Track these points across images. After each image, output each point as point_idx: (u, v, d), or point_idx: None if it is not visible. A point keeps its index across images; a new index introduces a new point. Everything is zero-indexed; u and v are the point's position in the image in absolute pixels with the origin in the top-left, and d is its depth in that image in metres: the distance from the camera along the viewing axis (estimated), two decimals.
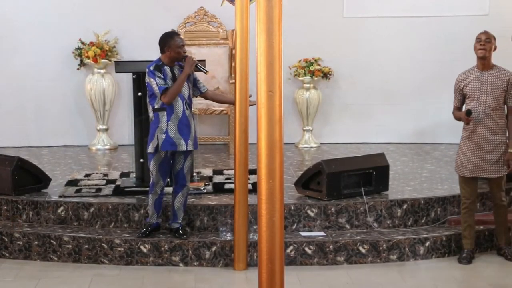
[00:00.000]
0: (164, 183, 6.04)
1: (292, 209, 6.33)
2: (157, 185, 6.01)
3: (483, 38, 5.95)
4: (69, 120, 9.04)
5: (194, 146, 6.02)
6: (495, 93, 5.93)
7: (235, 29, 5.89)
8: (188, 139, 5.95)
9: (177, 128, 5.91)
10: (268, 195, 3.16)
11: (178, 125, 5.91)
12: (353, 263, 6.07)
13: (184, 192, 6.06)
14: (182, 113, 5.93)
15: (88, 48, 8.71)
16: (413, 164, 8.04)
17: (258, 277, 3.24)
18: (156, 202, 6.06)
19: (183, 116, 5.93)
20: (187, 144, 5.94)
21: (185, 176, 6.04)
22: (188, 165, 6.05)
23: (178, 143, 5.92)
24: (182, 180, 6.05)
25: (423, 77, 8.98)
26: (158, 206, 6.09)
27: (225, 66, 8.88)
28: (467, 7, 8.97)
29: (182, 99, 5.94)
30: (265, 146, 3.13)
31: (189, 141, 5.95)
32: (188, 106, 5.98)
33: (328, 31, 9.01)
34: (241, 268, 5.92)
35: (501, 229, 6.18)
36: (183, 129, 5.92)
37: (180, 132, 5.92)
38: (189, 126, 5.95)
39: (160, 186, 6.02)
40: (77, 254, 6.10)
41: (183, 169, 6.03)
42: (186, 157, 6.03)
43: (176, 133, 5.91)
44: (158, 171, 5.98)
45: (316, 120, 9.06)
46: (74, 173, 7.42)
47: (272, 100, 3.11)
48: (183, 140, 5.93)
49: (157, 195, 6.04)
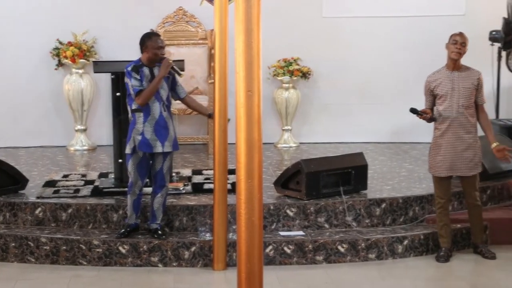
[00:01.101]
0: (142, 184, 6.02)
1: (271, 209, 6.33)
2: (135, 186, 5.99)
3: (459, 41, 5.99)
4: (46, 121, 8.98)
5: (172, 148, 6.00)
6: (467, 92, 5.99)
7: (214, 29, 5.89)
8: (164, 140, 5.93)
9: (154, 130, 5.90)
10: (247, 195, 3.16)
11: (154, 126, 5.90)
12: (332, 262, 6.09)
13: (163, 193, 6.05)
14: (159, 114, 5.91)
15: (66, 48, 8.65)
16: (392, 163, 8.08)
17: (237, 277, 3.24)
18: (135, 203, 6.04)
19: (160, 117, 5.91)
20: (164, 145, 5.92)
21: (164, 176, 6.03)
22: (167, 166, 6.04)
23: (154, 144, 5.90)
24: (161, 181, 6.03)
25: (402, 76, 9.02)
26: (136, 206, 6.06)
27: (204, 66, 8.86)
28: (444, 7, 9.03)
29: (159, 100, 5.92)
30: (244, 146, 3.14)
31: (166, 143, 5.93)
32: (166, 107, 5.97)
33: (307, 31, 9.02)
34: (220, 268, 5.91)
35: (476, 228, 6.23)
36: (160, 130, 5.91)
37: (157, 133, 5.90)
38: (166, 127, 5.94)
39: (139, 186, 6.00)
40: (55, 256, 6.06)
41: (162, 169, 6.01)
42: (165, 158, 6.01)
43: (153, 134, 5.89)
44: (136, 171, 5.96)
45: (295, 120, 9.07)
46: (52, 174, 7.37)
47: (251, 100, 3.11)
48: (159, 141, 5.91)
49: (136, 195, 6.02)
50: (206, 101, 8.52)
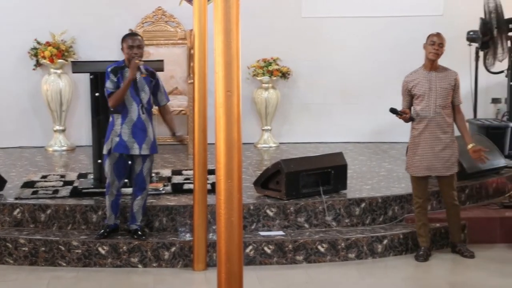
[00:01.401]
0: (119, 184, 5.99)
1: (251, 209, 6.33)
2: (112, 186, 5.97)
3: (437, 42, 6.03)
4: (25, 121, 8.92)
5: (150, 151, 5.96)
6: (444, 92, 6.04)
7: (193, 29, 5.88)
8: (142, 143, 5.90)
9: (131, 132, 5.88)
10: (226, 195, 3.16)
11: (132, 128, 5.88)
12: (312, 262, 6.10)
13: (143, 195, 6.03)
14: (137, 117, 5.89)
15: (44, 48, 8.61)
16: (371, 163, 8.11)
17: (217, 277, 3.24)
18: (113, 203, 6.02)
19: (138, 120, 5.89)
20: (141, 148, 5.90)
21: (144, 179, 6.01)
22: (147, 168, 6.01)
23: (131, 146, 5.88)
24: (142, 184, 6.01)
25: (381, 76, 9.06)
26: (115, 207, 6.04)
27: (184, 66, 8.85)
28: (422, 8, 9.08)
29: (137, 103, 5.90)
30: (224, 146, 3.14)
31: (143, 145, 5.91)
32: (145, 110, 5.93)
33: (286, 31, 9.03)
34: (200, 268, 5.90)
35: (454, 227, 6.26)
36: (137, 133, 5.88)
37: (134, 135, 5.88)
38: (144, 130, 5.91)
39: (116, 186, 5.97)
40: (33, 257, 6.02)
41: (142, 172, 5.99)
42: (145, 160, 5.99)
43: (130, 136, 5.88)
44: (113, 172, 5.94)
45: (274, 120, 9.08)
46: (31, 175, 7.32)
47: (230, 100, 3.11)
48: (136, 144, 5.89)
49: (114, 196, 5.99)
50: (185, 101, 8.52)
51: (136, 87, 5.92)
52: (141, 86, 5.94)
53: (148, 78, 5.98)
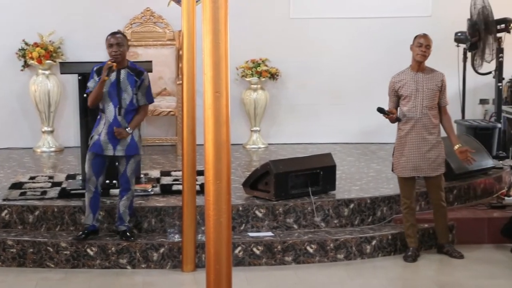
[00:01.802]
0: (96, 181, 5.95)
1: (240, 210, 6.33)
2: (89, 182, 5.94)
3: (424, 44, 6.04)
4: (13, 122, 8.88)
5: (125, 152, 5.91)
6: (431, 93, 6.06)
7: (182, 30, 5.87)
8: (116, 144, 5.87)
9: (107, 132, 5.87)
10: (215, 196, 3.16)
11: (108, 129, 5.87)
12: (301, 263, 6.10)
13: (129, 196, 6.01)
14: (113, 118, 5.87)
15: (32, 49, 8.57)
16: (360, 164, 8.12)
17: (206, 279, 3.24)
18: (92, 201, 5.97)
19: (114, 121, 5.87)
20: (115, 149, 5.88)
21: (128, 179, 5.98)
22: (131, 169, 5.98)
23: (105, 147, 5.88)
24: (126, 184, 5.99)
25: (369, 77, 9.07)
26: (94, 206, 5.98)
27: (172, 67, 8.84)
28: (411, 9, 9.11)
29: (114, 104, 5.87)
30: (212, 147, 3.13)
31: (118, 147, 5.88)
32: (124, 111, 5.88)
33: (275, 32, 9.04)
34: (189, 269, 5.89)
35: (442, 228, 6.26)
36: (112, 134, 5.86)
37: (109, 136, 5.87)
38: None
39: (93, 183, 5.94)
40: (21, 258, 5.99)
41: (126, 173, 5.97)
42: (128, 161, 5.96)
43: (105, 137, 5.87)
44: (90, 167, 5.94)
45: (263, 121, 9.09)
46: (19, 176, 7.29)
47: (219, 101, 3.11)
48: (110, 145, 5.87)
49: (92, 193, 5.95)
50: (174, 102, 8.51)
51: (118, 87, 5.89)
52: (123, 86, 5.90)
53: (133, 78, 5.95)
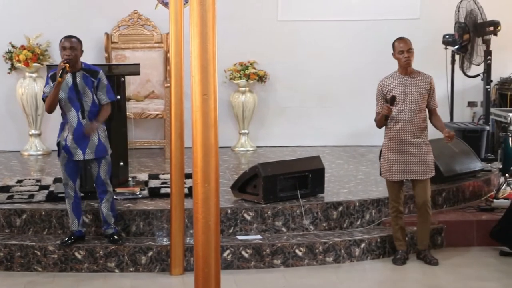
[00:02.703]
0: (74, 184, 5.91)
1: (229, 213, 6.31)
2: (67, 187, 5.91)
3: (405, 49, 6.01)
4: (0, 125, 8.84)
5: (95, 154, 5.85)
6: (419, 96, 6.04)
7: (170, 33, 5.85)
8: (85, 148, 5.82)
9: (73, 138, 5.81)
10: (203, 199, 3.14)
11: (73, 134, 5.81)
12: (289, 266, 6.09)
13: (108, 197, 5.96)
14: (76, 122, 5.81)
15: (19, 51, 8.53)
16: (348, 167, 8.12)
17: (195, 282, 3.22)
18: (73, 206, 5.93)
19: (78, 125, 5.80)
20: (85, 153, 5.83)
21: (103, 182, 5.93)
22: (104, 170, 5.92)
23: (74, 152, 5.83)
24: (102, 187, 5.94)
25: (358, 79, 9.08)
26: (76, 211, 5.95)
27: (160, 69, 8.82)
28: (399, 11, 9.12)
29: (76, 108, 5.81)
30: (200, 150, 3.11)
31: (87, 150, 5.82)
32: (87, 113, 5.81)
33: (263, 35, 9.03)
34: (177, 273, 5.87)
35: (422, 234, 6.19)
36: (79, 138, 5.80)
37: (76, 141, 5.81)
38: (86, 135, 5.81)
39: (71, 187, 5.90)
40: (9, 262, 5.95)
41: (100, 175, 5.92)
42: (99, 163, 5.91)
43: (72, 142, 5.82)
44: (65, 172, 5.90)
45: (252, 124, 9.08)
46: (6, 179, 7.25)
47: (207, 104, 3.09)
48: (79, 149, 5.82)
49: (72, 198, 5.91)
50: (162, 105, 8.49)
51: (77, 91, 5.82)
52: (82, 89, 5.83)
53: (89, 78, 5.88)
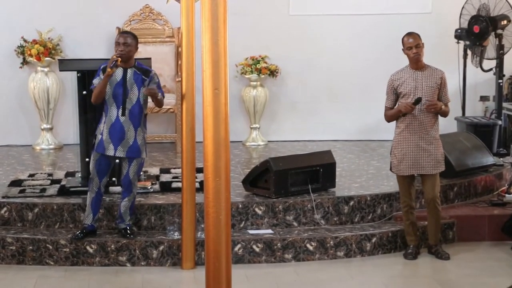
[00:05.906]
0: (100, 182, 5.94)
1: (240, 207, 6.32)
2: (92, 182, 5.94)
3: (414, 45, 5.99)
4: (12, 119, 8.87)
5: (127, 154, 5.88)
6: (430, 91, 6.02)
7: (181, 27, 5.86)
8: (118, 144, 5.84)
9: (109, 132, 5.85)
10: (214, 193, 3.15)
11: (110, 129, 5.85)
12: (300, 260, 6.09)
13: (130, 197, 5.99)
14: (115, 118, 5.84)
15: (31, 46, 8.55)
16: (360, 161, 8.11)
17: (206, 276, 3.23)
18: (93, 201, 5.96)
19: (117, 121, 5.84)
20: (116, 149, 5.85)
21: (130, 182, 5.95)
22: (133, 171, 5.94)
23: (107, 147, 5.85)
24: (128, 186, 5.96)
25: (369, 74, 9.05)
26: (95, 206, 5.97)
27: (172, 64, 8.82)
28: (411, 6, 9.08)
29: (118, 103, 5.85)
30: (212, 145, 3.12)
31: (119, 147, 5.85)
32: (128, 112, 5.84)
33: (274, 29, 9.02)
34: (189, 267, 5.89)
35: (433, 229, 6.18)
36: (114, 134, 5.83)
37: (111, 136, 5.84)
38: (122, 132, 5.84)
39: (96, 184, 5.93)
40: (21, 256, 5.98)
41: (129, 175, 5.94)
42: (131, 163, 5.93)
43: (107, 136, 5.85)
44: (94, 168, 5.93)
45: (263, 118, 9.07)
46: (18, 173, 7.28)
47: (218, 98, 3.10)
48: (112, 144, 5.84)
49: (94, 193, 5.94)
50: (173, 99, 8.49)
51: (125, 87, 5.86)
52: (130, 85, 5.87)
53: (140, 76, 5.92)
